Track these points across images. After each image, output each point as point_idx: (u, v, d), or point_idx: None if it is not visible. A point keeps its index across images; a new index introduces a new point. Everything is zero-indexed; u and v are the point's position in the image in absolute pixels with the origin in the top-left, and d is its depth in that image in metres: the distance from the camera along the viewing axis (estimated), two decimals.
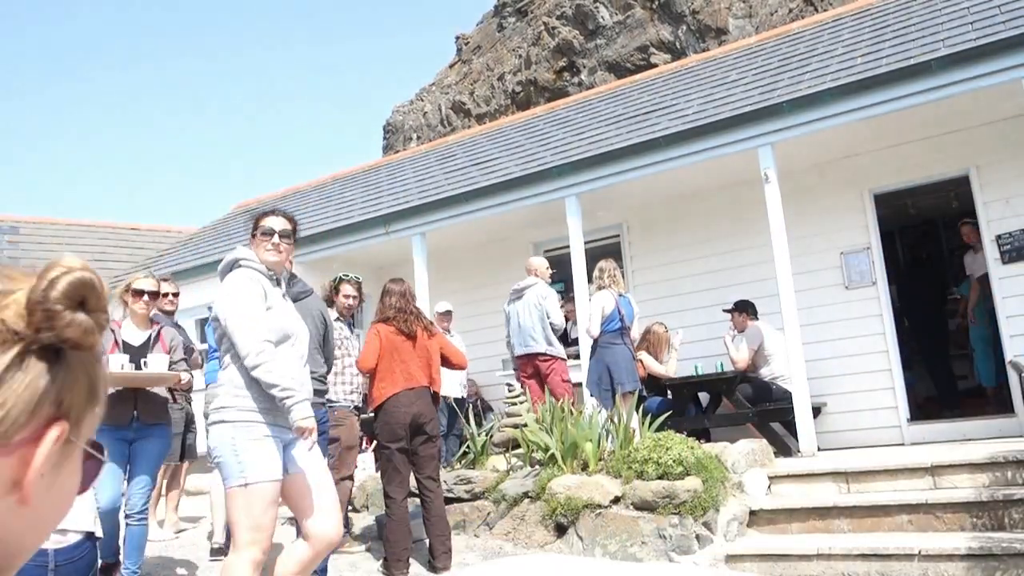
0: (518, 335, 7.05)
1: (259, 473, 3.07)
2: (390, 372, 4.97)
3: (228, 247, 11.08)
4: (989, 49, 6.19)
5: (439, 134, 20.68)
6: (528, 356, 7.00)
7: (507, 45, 21.71)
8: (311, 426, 3.09)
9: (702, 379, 7.46)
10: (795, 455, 6.52)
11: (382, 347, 5.01)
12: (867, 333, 7.43)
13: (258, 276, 3.31)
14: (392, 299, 5.16)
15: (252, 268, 3.35)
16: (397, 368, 4.97)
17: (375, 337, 5.06)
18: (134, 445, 4.45)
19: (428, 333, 5.19)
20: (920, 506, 4.93)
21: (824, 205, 7.73)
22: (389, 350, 5.01)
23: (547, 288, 7.16)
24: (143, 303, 4.70)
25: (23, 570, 2.29)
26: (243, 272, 3.32)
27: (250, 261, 3.37)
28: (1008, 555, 4.24)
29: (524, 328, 6.99)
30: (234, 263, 3.38)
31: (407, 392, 4.95)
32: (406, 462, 4.99)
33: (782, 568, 4.75)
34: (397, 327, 5.06)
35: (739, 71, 8.97)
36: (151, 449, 4.53)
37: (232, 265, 3.39)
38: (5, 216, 14.35)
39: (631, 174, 7.64)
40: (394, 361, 4.98)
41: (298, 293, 5.08)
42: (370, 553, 5.36)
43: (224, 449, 3.11)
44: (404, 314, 5.10)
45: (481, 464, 6.26)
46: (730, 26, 16.38)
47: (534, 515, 5.36)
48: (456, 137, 13.40)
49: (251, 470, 3.06)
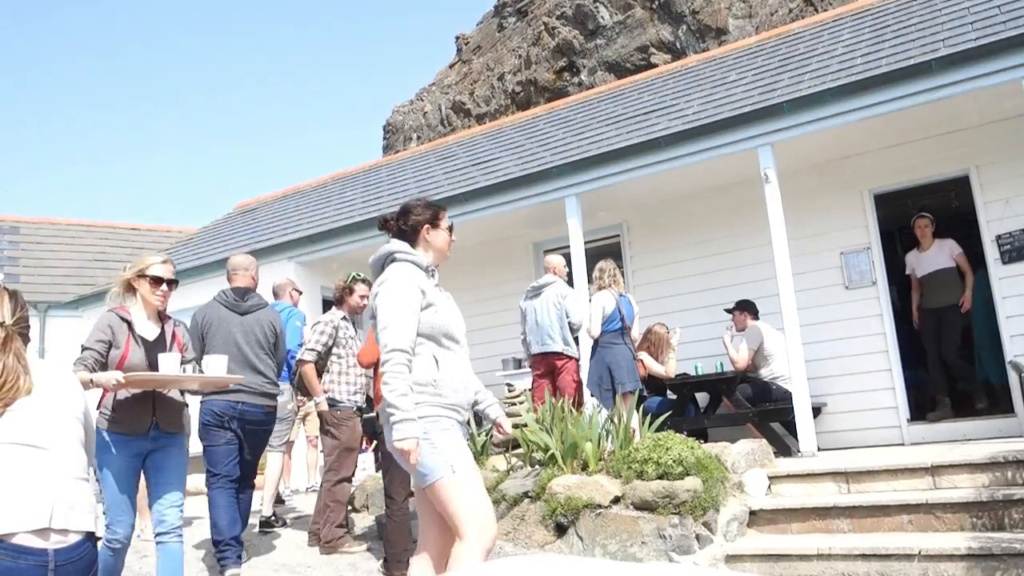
0: (535, 333, 7.01)
1: (462, 461, 3.04)
2: None
3: (228, 247, 11.09)
4: (989, 49, 6.19)
5: (439, 134, 20.69)
6: (543, 355, 6.99)
7: (507, 45, 21.71)
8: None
9: (702, 379, 7.46)
10: (795, 455, 6.52)
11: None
12: (867, 333, 7.43)
13: (416, 271, 3.23)
14: None
15: (410, 262, 3.26)
16: None
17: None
18: (152, 456, 3.93)
19: None
20: (920, 506, 4.92)
21: (824, 205, 7.73)
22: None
23: (566, 287, 7.14)
24: (160, 293, 4.05)
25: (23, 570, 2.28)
26: (403, 267, 3.22)
27: (407, 254, 3.27)
28: (1008, 555, 4.24)
29: (541, 326, 6.96)
30: (389, 256, 3.28)
31: None
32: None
33: (782, 568, 4.75)
34: None
35: (739, 71, 8.97)
36: (176, 459, 4.00)
37: (388, 258, 3.29)
38: (5, 216, 14.35)
39: (631, 174, 7.64)
40: None
41: (252, 305, 5.27)
42: (370, 553, 5.36)
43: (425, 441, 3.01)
44: None
45: (481, 464, 6.26)
46: (730, 26, 16.38)
47: (534, 515, 5.36)
48: (456, 137, 13.41)
49: (455, 459, 3.02)
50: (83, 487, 2.26)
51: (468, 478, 3.04)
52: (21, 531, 2.05)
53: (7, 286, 2.43)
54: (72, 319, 11.75)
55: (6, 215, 14.41)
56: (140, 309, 4.05)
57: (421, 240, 3.34)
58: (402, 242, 3.32)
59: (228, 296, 5.28)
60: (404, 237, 3.35)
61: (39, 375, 2.30)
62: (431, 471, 3.01)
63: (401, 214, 3.38)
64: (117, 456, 3.86)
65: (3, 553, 2.02)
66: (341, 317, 5.72)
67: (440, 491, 3.01)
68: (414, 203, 3.42)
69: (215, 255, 10.81)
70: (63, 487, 2.17)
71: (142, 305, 4.05)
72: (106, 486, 3.86)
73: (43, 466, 2.16)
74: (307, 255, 9.71)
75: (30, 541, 2.06)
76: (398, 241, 3.34)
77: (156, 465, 3.93)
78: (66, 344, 11.36)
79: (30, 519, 2.07)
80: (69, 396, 2.36)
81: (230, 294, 5.29)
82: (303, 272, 9.77)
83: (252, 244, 10.59)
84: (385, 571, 4.90)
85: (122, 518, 3.86)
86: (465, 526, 2.97)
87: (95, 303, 11.64)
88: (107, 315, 3.98)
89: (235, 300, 5.26)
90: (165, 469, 3.94)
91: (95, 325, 3.97)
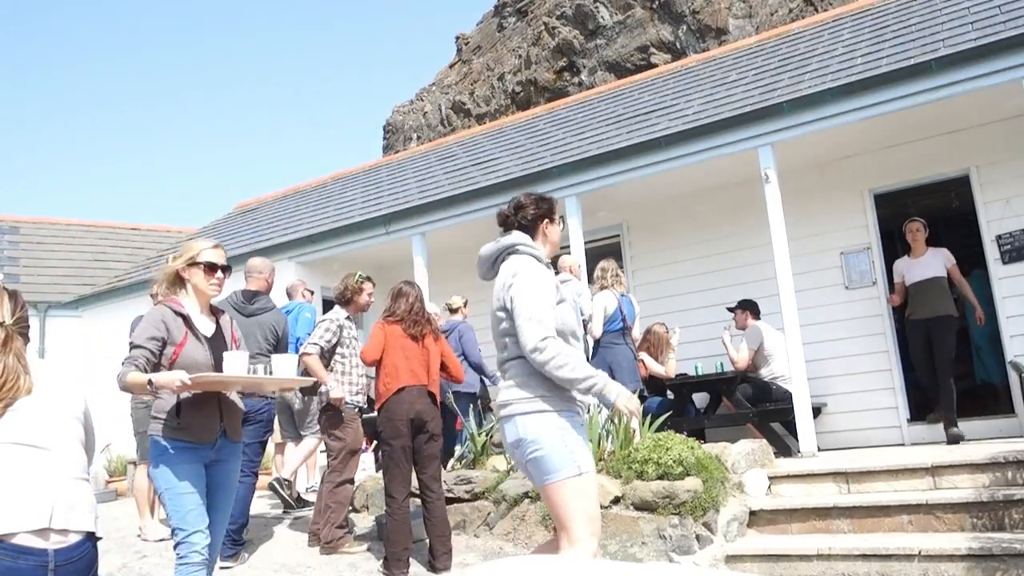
0: None
1: (589, 462, 2.99)
2: (395, 368, 5.01)
3: (228, 247, 11.06)
4: (989, 49, 6.19)
5: (439, 134, 20.69)
6: None
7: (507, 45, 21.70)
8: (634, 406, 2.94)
9: (702, 379, 7.46)
10: (795, 455, 6.52)
11: (387, 342, 5.05)
12: (867, 333, 7.43)
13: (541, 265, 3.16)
14: (406, 301, 5.21)
15: (532, 255, 3.20)
16: (401, 364, 5.01)
17: (380, 331, 5.11)
18: (213, 468, 3.48)
19: (435, 336, 5.24)
20: (920, 506, 4.93)
21: (824, 205, 7.73)
22: (395, 347, 5.05)
23: (581, 285, 7.14)
24: (217, 281, 3.60)
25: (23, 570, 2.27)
26: (530, 260, 3.16)
27: (530, 247, 3.21)
28: (1008, 555, 4.24)
29: None
30: (510, 248, 3.23)
31: (410, 388, 4.98)
32: (408, 460, 5.00)
33: (782, 568, 4.75)
34: (405, 328, 5.10)
35: (739, 71, 8.97)
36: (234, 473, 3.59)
37: (509, 250, 3.23)
38: (5, 216, 14.35)
39: (631, 174, 7.65)
40: (399, 357, 5.02)
41: (258, 308, 5.49)
42: (370, 553, 5.35)
43: (551, 440, 2.94)
44: (415, 316, 5.16)
45: (481, 464, 6.26)
46: (730, 26, 16.38)
47: (534, 515, 5.36)
48: (456, 137, 13.41)
49: (583, 460, 2.96)
50: (83, 487, 2.26)
51: (591, 482, 3.00)
52: (21, 531, 2.05)
53: (7, 286, 2.43)
54: (72, 319, 11.76)
55: (6, 215, 14.41)
56: (193, 302, 3.58)
57: (539, 234, 3.32)
58: (524, 235, 3.29)
59: (237, 298, 5.50)
60: (523, 232, 3.32)
61: (39, 375, 2.30)
62: (558, 469, 2.93)
63: (518, 208, 3.34)
64: (185, 466, 3.37)
65: (3, 553, 2.02)
66: (346, 317, 5.72)
67: (561, 490, 2.94)
68: (529, 197, 3.38)
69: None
70: (63, 487, 2.17)
71: (195, 297, 3.59)
72: (173, 499, 3.34)
73: (43, 466, 2.16)
74: (307, 255, 9.71)
75: (30, 541, 2.06)
76: (519, 233, 3.29)
77: (218, 478, 3.50)
78: (66, 344, 11.38)
79: (30, 519, 2.07)
80: (69, 396, 2.36)
81: (239, 296, 5.53)
82: (303, 272, 9.76)
83: (252, 244, 10.59)
84: (385, 571, 4.89)
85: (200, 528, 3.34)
86: (579, 530, 2.92)
87: (95, 303, 11.65)
88: (159, 309, 3.49)
89: (242, 302, 5.49)
90: (225, 488, 3.53)
91: (145, 320, 3.48)
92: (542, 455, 2.94)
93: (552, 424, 2.96)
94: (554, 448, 2.93)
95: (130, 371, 3.27)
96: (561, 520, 2.96)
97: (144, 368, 3.31)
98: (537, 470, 2.98)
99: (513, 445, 3.01)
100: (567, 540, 2.94)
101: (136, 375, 3.26)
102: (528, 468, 3.03)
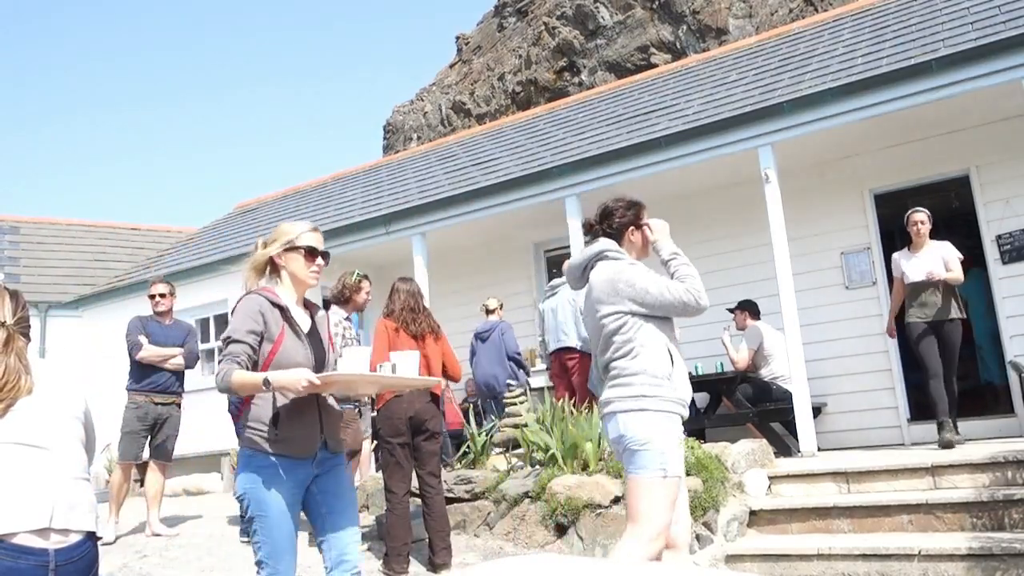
0: (553, 331, 7.12)
1: (677, 467, 3.09)
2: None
3: (228, 247, 11.09)
4: (989, 49, 6.19)
5: (439, 134, 20.69)
6: (557, 352, 7.05)
7: (507, 45, 21.71)
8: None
9: (702, 379, 7.46)
10: (795, 455, 6.52)
11: (389, 343, 5.04)
12: (867, 333, 7.42)
13: None
14: (400, 297, 5.19)
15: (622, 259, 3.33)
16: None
17: (383, 333, 5.09)
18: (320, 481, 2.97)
19: (435, 336, 5.21)
20: (920, 506, 4.93)
21: (824, 205, 7.73)
22: (393, 346, 5.03)
23: None
24: (316, 268, 3.08)
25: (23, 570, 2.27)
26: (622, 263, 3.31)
27: (618, 253, 3.35)
28: (1008, 555, 4.24)
29: (558, 323, 7.06)
30: (599, 255, 3.36)
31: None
32: (408, 457, 5.00)
33: (782, 568, 4.75)
34: (403, 326, 5.08)
35: (739, 71, 8.97)
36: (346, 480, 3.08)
37: (597, 257, 3.36)
38: (5, 216, 14.36)
39: (631, 174, 7.65)
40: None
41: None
42: (370, 552, 5.36)
43: (648, 437, 3.05)
44: (413, 314, 5.13)
45: (481, 464, 6.26)
46: (730, 26, 16.39)
47: (534, 515, 5.36)
48: (456, 137, 13.41)
49: (672, 463, 3.06)
50: (84, 487, 2.25)
51: (673, 486, 3.08)
52: (22, 531, 2.05)
53: (7, 286, 2.43)
54: (72, 319, 11.76)
55: (6, 215, 14.42)
56: (289, 291, 3.07)
57: (625, 241, 3.42)
58: (611, 241, 3.39)
59: None
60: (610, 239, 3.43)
61: (40, 375, 2.30)
62: (645, 466, 3.05)
63: (605, 216, 3.45)
64: (283, 486, 2.86)
65: (4, 553, 2.02)
66: (344, 317, 5.72)
67: (641, 486, 3.06)
68: (616, 204, 3.47)
69: (215, 255, 10.82)
70: (64, 487, 2.17)
71: (291, 286, 3.08)
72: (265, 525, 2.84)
73: (44, 466, 2.16)
74: None
75: (31, 541, 2.06)
76: (606, 240, 3.41)
77: (327, 489, 2.98)
78: (66, 344, 11.38)
79: (31, 519, 2.07)
80: (70, 396, 2.36)
81: None
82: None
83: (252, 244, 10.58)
84: (385, 567, 4.89)
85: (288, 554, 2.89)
86: (646, 528, 3.03)
87: (95, 303, 11.65)
88: (254, 299, 2.97)
89: None
90: (340, 494, 3.01)
91: (240, 311, 2.94)
92: (635, 451, 3.07)
93: (650, 423, 3.08)
94: (647, 446, 3.05)
95: (233, 369, 2.79)
96: (633, 513, 3.09)
97: (246, 366, 2.83)
98: (628, 463, 3.13)
99: (614, 441, 3.16)
100: (631, 533, 3.06)
101: (243, 375, 2.78)
102: (624, 461, 3.17)
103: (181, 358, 6.22)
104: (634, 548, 3.00)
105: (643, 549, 3.00)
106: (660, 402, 3.10)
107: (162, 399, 6.15)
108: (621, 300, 3.22)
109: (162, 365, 6.14)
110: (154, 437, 6.18)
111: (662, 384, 3.12)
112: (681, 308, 3.19)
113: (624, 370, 3.17)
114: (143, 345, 6.08)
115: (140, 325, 6.22)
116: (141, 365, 6.11)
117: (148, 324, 6.26)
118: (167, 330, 6.29)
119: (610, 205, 3.45)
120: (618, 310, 3.22)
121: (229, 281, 10.15)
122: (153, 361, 6.10)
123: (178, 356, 6.20)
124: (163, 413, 6.15)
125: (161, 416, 6.14)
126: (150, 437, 6.17)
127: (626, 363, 3.17)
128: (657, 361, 3.15)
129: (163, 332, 6.25)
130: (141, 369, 6.11)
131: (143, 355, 6.08)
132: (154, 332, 6.21)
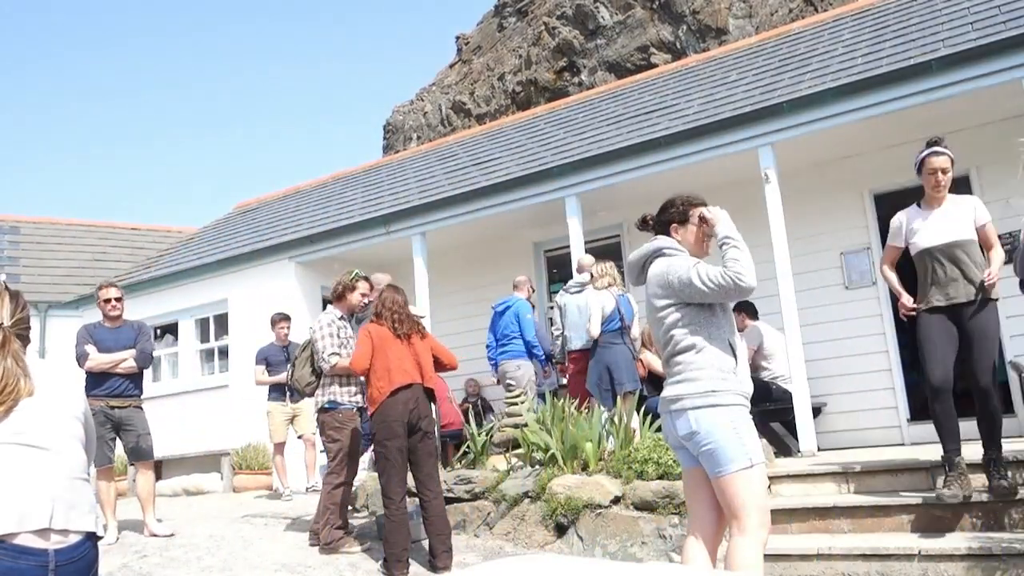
0: (576, 328, 6.98)
1: (760, 454, 3.10)
2: (385, 371, 4.98)
3: (228, 247, 11.09)
4: (989, 49, 6.19)
5: (439, 134, 20.69)
6: (583, 351, 6.94)
7: (507, 45, 21.71)
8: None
9: None
10: (795, 455, 6.52)
11: (374, 347, 5.03)
12: (867, 333, 7.43)
13: None
14: (380, 299, 5.24)
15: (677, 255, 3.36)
16: (392, 366, 4.99)
17: (367, 338, 5.09)
18: None
19: (420, 335, 5.22)
20: (920, 506, 4.92)
21: (824, 205, 7.73)
22: (382, 349, 5.03)
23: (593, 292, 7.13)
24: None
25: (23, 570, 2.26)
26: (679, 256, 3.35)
27: (675, 249, 3.38)
28: (1008, 555, 4.24)
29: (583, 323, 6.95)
30: (657, 252, 3.40)
31: (404, 390, 4.96)
32: (404, 460, 4.99)
33: (782, 568, 4.75)
34: (390, 327, 5.08)
35: (739, 71, 8.98)
36: None
37: (655, 253, 3.40)
38: (5, 216, 14.37)
39: (631, 174, 7.65)
40: (388, 359, 5.00)
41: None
42: (370, 553, 5.36)
43: (724, 433, 3.05)
44: (397, 314, 5.14)
45: (481, 464, 6.27)
46: (730, 26, 16.39)
47: (534, 515, 5.36)
48: (456, 137, 13.41)
49: (755, 452, 3.07)
50: (84, 487, 2.25)
51: (762, 472, 3.10)
52: (22, 531, 2.05)
53: (8, 286, 2.42)
54: (72, 319, 11.74)
55: (6, 215, 14.43)
56: None
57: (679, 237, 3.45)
58: (668, 238, 3.44)
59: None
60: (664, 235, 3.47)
61: (39, 375, 2.30)
62: (731, 460, 3.04)
63: (660, 211, 3.52)
64: None
65: (4, 553, 2.02)
66: (339, 316, 5.71)
67: (734, 482, 3.05)
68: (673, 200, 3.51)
69: (215, 255, 10.81)
70: (64, 487, 2.17)
71: None
72: None
73: (44, 466, 2.16)
74: (307, 255, 9.71)
75: (31, 541, 2.06)
76: (663, 237, 3.45)
77: None
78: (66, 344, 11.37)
79: (31, 519, 2.07)
80: (69, 396, 2.35)
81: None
82: (303, 272, 9.78)
83: (252, 244, 10.60)
84: (385, 571, 4.89)
85: None
86: (750, 520, 3.03)
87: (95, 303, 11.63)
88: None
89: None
90: None
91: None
92: (716, 447, 3.05)
93: (724, 417, 3.08)
94: (728, 440, 3.04)
95: None
96: (733, 510, 3.08)
97: None
98: (710, 462, 3.09)
99: (686, 438, 3.13)
100: (738, 529, 3.06)
101: None
102: (701, 460, 3.14)
103: (132, 360, 6.11)
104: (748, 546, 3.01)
105: (756, 542, 3.02)
106: (730, 396, 3.11)
107: (118, 403, 6.06)
108: (673, 293, 3.26)
109: (113, 370, 6.06)
110: (125, 440, 6.12)
111: (728, 378, 3.15)
112: (722, 293, 3.18)
113: (690, 364, 3.18)
114: (88, 355, 6.01)
115: (87, 334, 6.15)
116: (93, 372, 6.03)
117: (96, 331, 6.20)
118: (116, 333, 6.20)
119: (671, 200, 3.50)
120: (671, 303, 3.26)
121: (229, 281, 10.16)
122: (103, 368, 6.02)
123: (128, 359, 6.10)
124: (123, 416, 6.07)
125: (122, 420, 6.07)
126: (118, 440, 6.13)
127: (691, 357, 3.18)
128: (722, 356, 3.18)
129: (112, 336, 6.18)
130: (94, 376, 6.02)
131: (90, 366, 6.00)
132: (103, 338, 6.14)
